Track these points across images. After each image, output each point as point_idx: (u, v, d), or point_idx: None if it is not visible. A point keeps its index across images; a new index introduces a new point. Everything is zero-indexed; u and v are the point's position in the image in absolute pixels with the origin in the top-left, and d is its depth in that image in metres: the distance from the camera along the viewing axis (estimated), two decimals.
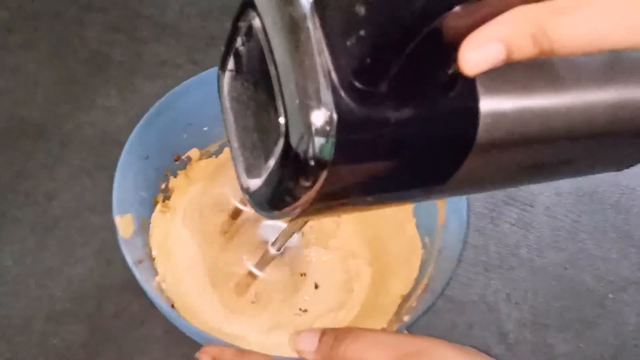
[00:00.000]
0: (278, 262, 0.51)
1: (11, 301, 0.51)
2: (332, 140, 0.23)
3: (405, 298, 0.47)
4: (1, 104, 0.61)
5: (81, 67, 0.64)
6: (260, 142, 0.27)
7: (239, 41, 0.29)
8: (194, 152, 0.52)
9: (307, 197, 0.25)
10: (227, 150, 0.54)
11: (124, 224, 0.43)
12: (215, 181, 0.54)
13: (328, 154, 0.23)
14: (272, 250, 0.40)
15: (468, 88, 0.24)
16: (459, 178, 0.26)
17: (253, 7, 0.26)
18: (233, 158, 0.30)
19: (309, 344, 0.35)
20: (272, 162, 0.26)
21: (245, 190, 0.29)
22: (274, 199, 0.27)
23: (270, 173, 0.26)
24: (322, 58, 0.22)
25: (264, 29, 0.25)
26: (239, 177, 0.30)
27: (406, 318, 0.43)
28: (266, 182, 0.27)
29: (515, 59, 0.21)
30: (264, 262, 0.42)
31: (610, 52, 0.25)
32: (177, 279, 0.49)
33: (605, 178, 0.61)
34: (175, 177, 0.51)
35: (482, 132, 0.25)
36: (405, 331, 0.43)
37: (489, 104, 0.24)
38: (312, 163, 0.23)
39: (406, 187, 0.27)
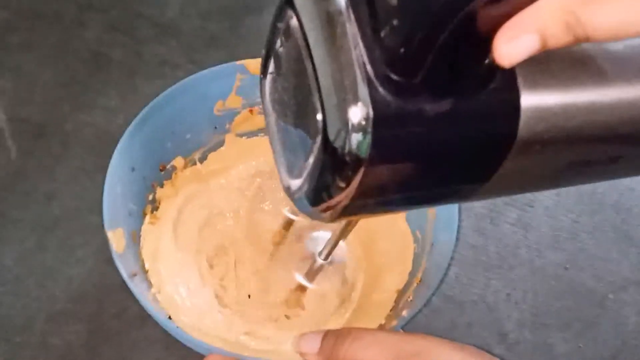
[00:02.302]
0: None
1: (11, 301, 0.51)
2: (368, 135, 0.22)
3: (401, 293, 0.47)
4: (1, 104, 0.61)
5: (81, 67, 0.64)
6: (301, 141, 0.27)
7: (278, 43, 0.29)
8: (178, 161, 0.52)
9: (346, 194, 0.24)
10: (210, 156, 0.54)
11: (116, 238, 0.43)
12: (202, 192, 0.54)
13: (365, 149, 0.23)
14: (320, 260, 0.40)
15: (508, 80, 0.24)
16: (502, 176, 0.26)
17: (291, 5, 0.26)
18: (275, 160, 0.30)
19: (311, 346, 0.36)
20: (311, 160, 0.26)
21: (287, 190, 0.29)
22: (314, 197, 0.26)
23: (309, 171, 0.26)
24: (357, 51, 0.22)
25: (301, 26, 0.25)
26: (281, 179, 0.30)
27: (404, 313, 0.43)
28: (306, 181, 0.27)
29: (550, 47, 0.21)
30: (312, 273, 0.42)
31: None
32: (172, 290, 0.49)
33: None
34: (161, 187, 0.51)
35: (524, 126, 0.24)
36: (400, 330, 0.43)
37: (530, 97, 0.24)
38: (349, 159, 0.23)
39: (445, 186, 0.27)
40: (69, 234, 0.54)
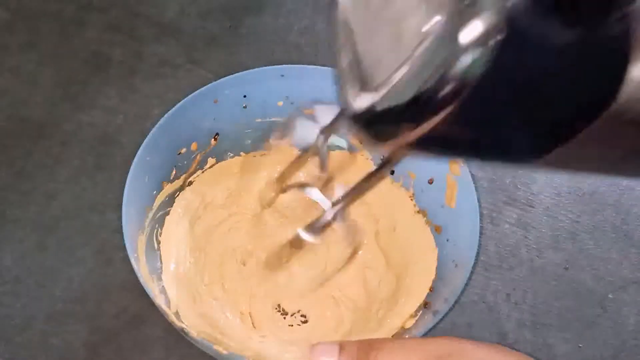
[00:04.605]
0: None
1: (11, 301, 0.51)
2: (486, 53, 0.19)
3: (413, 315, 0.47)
4: (1, 104, 0.61)
5: (81, 67, 0.64)
6: (389, 54, 0.24)
7: None
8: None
9: (434, 118, 0.21)
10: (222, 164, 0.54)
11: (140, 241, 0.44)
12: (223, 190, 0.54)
13: (478, 69, 0.20)
14: (330, 214, 0.32)
15: (624, 31, 0.21)
16: (586, 139, 0.22)
17: None
18: (341, 76, 0.26)
19: (329, 357, 0.33)
20: (401, 72, 0.22)
21: (347, 105, 0.25)
22: (394, 116, 0.23)
23: (398, 83, 0.22)
24: None
25: None
26: (345, 96, 0.26)
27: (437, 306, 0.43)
28: (388, 96, 0.23)
29: None
30: (316, 227, 0.33)
31: None
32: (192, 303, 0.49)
33: (604, 178, 0.61)
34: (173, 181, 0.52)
35: (629, 82, 0.21)
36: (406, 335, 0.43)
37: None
38: (456, 76, 0.20)
39: (532, 130, 0.23)
40: (69, 234, 0.54)
